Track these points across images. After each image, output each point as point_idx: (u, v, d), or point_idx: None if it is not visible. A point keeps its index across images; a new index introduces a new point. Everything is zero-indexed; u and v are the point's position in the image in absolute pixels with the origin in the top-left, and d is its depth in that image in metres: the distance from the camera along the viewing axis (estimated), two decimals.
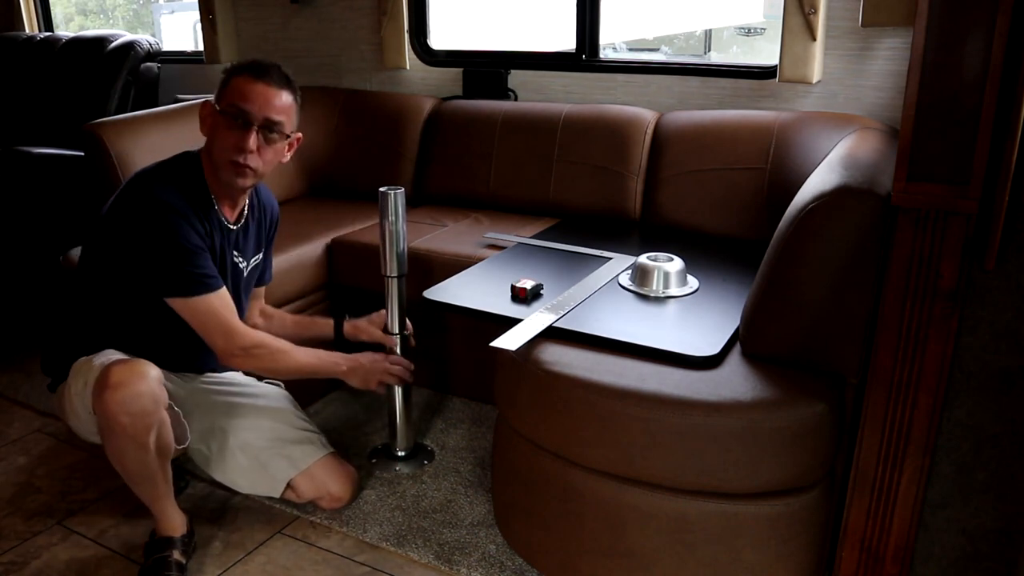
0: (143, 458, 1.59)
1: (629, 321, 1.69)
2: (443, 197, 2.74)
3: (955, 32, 1.21)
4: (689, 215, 2.35)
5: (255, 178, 1.70)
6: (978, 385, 1.37)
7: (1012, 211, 1.25)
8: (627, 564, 1.53)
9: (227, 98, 1.65)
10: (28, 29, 3.91)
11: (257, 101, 1.64)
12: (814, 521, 1.51)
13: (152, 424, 1.56)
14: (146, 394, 1.54)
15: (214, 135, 1.67)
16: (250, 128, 1.64)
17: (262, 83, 1.65)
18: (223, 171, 1.67)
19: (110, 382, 1.52)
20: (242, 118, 1.63)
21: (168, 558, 1.66)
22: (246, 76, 1.66)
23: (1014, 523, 1.41)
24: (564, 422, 1.51)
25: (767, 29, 6.71)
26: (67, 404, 1.69)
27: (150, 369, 1.57)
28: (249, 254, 1.85)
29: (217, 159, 1.67)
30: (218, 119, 1.66)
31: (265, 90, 1.65)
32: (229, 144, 1.64)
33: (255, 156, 1.65)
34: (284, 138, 1.70)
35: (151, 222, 1.59)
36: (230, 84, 1.67)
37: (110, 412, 1.52)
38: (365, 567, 1.74)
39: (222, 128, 1.65)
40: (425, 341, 2.40)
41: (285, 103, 1.68)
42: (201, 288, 1.62)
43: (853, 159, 1.64)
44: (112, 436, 1.56)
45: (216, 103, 1.68)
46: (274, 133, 1.67)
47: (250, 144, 1.63)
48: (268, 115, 1.65)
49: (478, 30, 4.34)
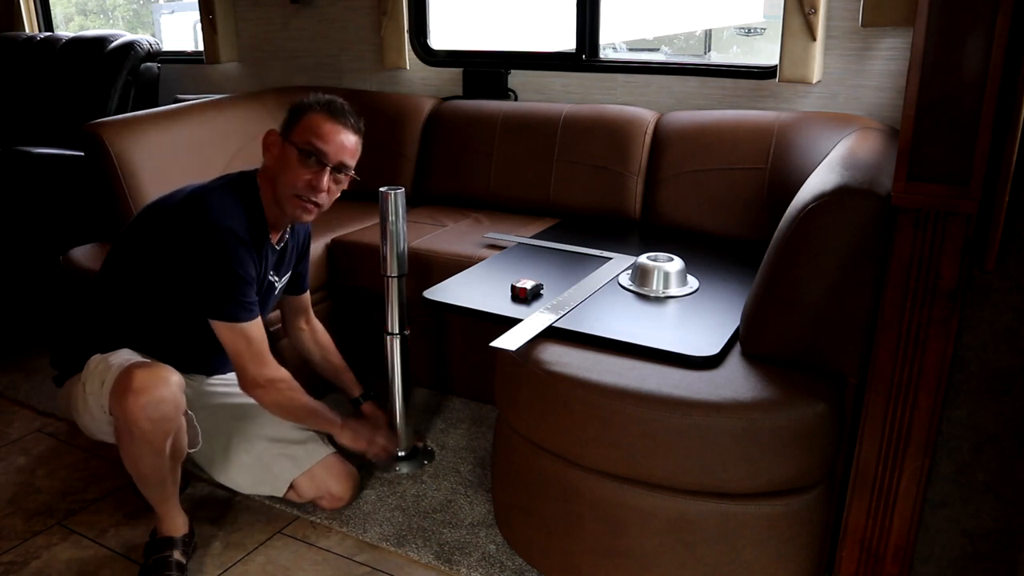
0: (157, 462, 1.60)
1: (629, 321, 1.69)
2: (443, 197, 2.74)
3: (955, 32, 1.21)
4: (689, 215, 2.35)
5: (318, 214, 1.73)
6: (978, 385, 1.37)
7: (1012, 211, 1.25)
8: (627, 564, 1.53)
9: (302, 134, 1.67)
10: (28, 29, 3.91)
11: (334, 143, 1.67)
12: (814, 521, 1.51)
13: (171, 430, 1.57)
14: (168, 400, 1.54)
15: (284, 168, 1.68)
16: (324, 168, 1.67)
17: (339, 125, 1.69)
18: (288, 204, 1.69)
19: (133, 386, 1.52)
20: (317, 157, 1.66)
21: (169, 558, 1.66)
22: (324, 115, 1.68)
23: (1014, 523, 1.41)
24: (564, 422, 1.51)
25: (767, 29, 6.72)
26: (78, 401, 1.69)
27: (172, 375, 1.57)
28: (283, 272, 1.88)
29: (284, 192, 1.69)
30: (289, 152, 1.67)
31: (341, 132, 1.69)
32: (301, 181, 1.67)
33: (325, 195, 1.69)
34: (348, 178, 1.74)
35: (213, 246, 1.61)
36: (305, 120, 1.68)
37: (131, 416, 1.52)
38: (365, 567, 1.74)
39: (294, 163, 1.67)
40: (425, 341, 2.41)
41: (356, 146, 1.74)
42: (246, 316, 1.66)
43: (853, 159, 1.64)
44: (130, 440, 1.56)
45: (285, 134, 1.69)
46: (342, 174, 1.71)
47: (324, 184, 1.67)
48: (343, 159, 1.70)
49: (478, 30, 4.34)
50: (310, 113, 1.69)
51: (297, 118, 1.69)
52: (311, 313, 2.10)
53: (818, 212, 1.41)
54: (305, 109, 1.70)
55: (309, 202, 1.69)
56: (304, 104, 1.71)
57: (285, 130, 1.70)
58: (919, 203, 1.28)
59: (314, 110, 1.69)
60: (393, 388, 2.04)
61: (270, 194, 1.72)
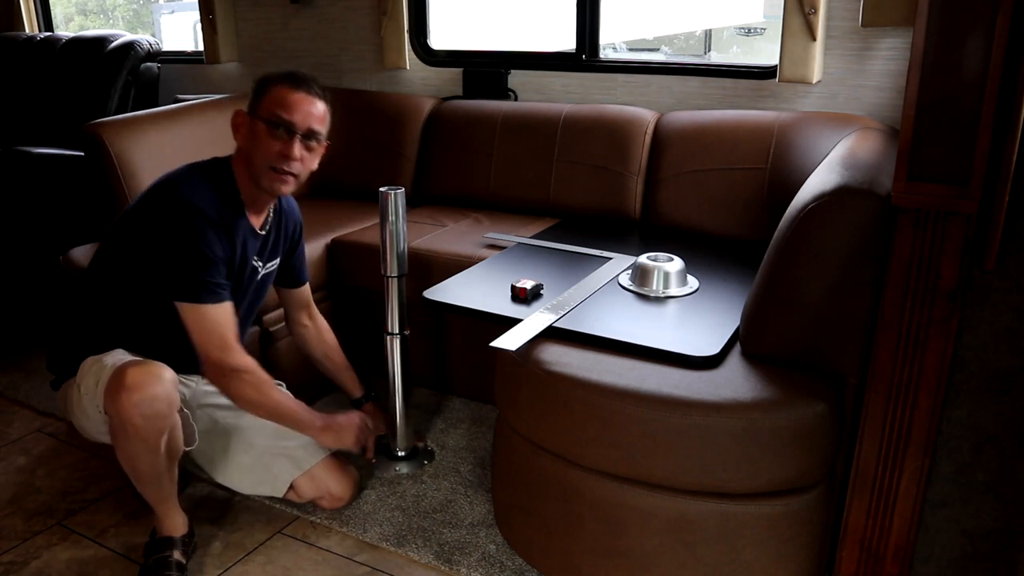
0: (153, 460, 1.59)
1: (629, 321, 1.69)
2: (443, 197, 2.74)
3: (955, 32, 1.21)
4: (689, 215, 2.35)
5: (295, 184, 1.73)
6: (978, 385, 1.37)
7: (1012, 211, 1.25)
8: (627, 564, 1.53)
9: (267, 107, 1.67)
10: (28, 29, 3.91)
11: (300, 111, 1.67)
12: (814, 521, 1.51)
13: (165, 427, 1.57)
14: (161, 397, 1.54)
15: (255, 143, 1.68)
16: (294, 137, 1.67)
17: (302, 92, 1.68)
18: (264, 178, 1.69)
19: (126, 384, 1.52)
20: (285, 127, 1.66)
21: (168, 558, 1.66)
22: (286, 86, 1.68)
23: (1014, 523, 1.41)
24: (564, 422, 1.51)
25: (767, 29, 6.72)
26: (74, 403, 1.69)
27: (165, 371, 1.57)
28: (267, 259, 1.87)
29: (258, 166, 1.68)
30: (258, 127, 1.68)
31: (306, 99, 1.68)
32: (273, 152, 1.66)
33: (298, 163, 1.69)
34: (321, 145, 1.74)
35: (178, 224, 1.61)
36: (269, 94, 1.68)
37: (124, 414, 1.52)
38: (365, 567, 1.74)
39: (264, 136, 1.67)
40: (425, 341, 2.41)
41: (324, 113, 1.72)
42: (210, 297, 1.63)
43: (853, 159, 1.64)
44: (125, 437, 1.56)
45: (252, 111, 1.70)
46: (314, 141, 1.71)
47: (295, 152, 1.67)
48: (311, 126, 1.69)
49: (478, 30, 4.34)
50: (273, 86, 1.69)
51: (261, 93, 1.70)
52: (314, 309, 2.09)
53: (818, 212, 1.41)
54: (268, 83, 1.70)
55: (283, 172, 1.68)
56: (266, 78, 1.72)
57: (251, 107, 1.71)
58: (919, 203, 1.28)
59: (277, 82, 1.69)
60: (393, 388, 2.04)
61: (245, 174, 1.72)
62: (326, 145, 1.76)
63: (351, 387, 2.10)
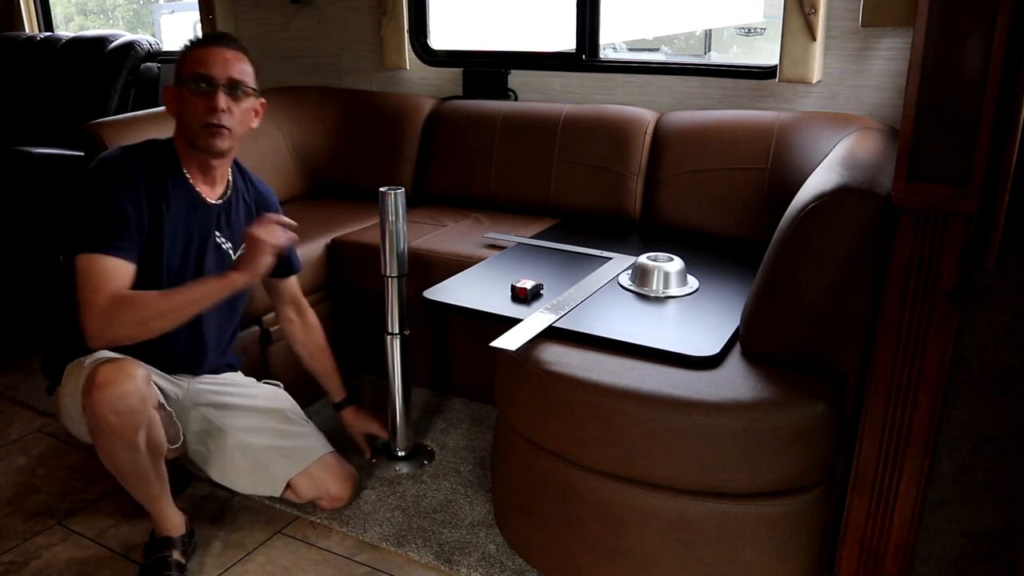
0: (134, 458, 1.58)
1: (629, 321, 1.69)
2: (443, 197, 2.74)
3: (955, 32, 1.21)
4: (689, 215, 2.35)
5: (231, 140, 1.70)
6: (978, 385, 1.37)
7: (1012, 211, 1.25)
8: (627, 564, 1.53)
9: (186, 71, 1.67)
10: (28, 29, 3.91)
11: (215, 64, 1.66)
12: (814, 521, 1.51)
13: (140, 423, 1.55)
14: (133, 393, 1.53)
15: (183, 109, 1.68)
16: (216, 89, 1.65)
17: (214, 47, 1.69)
18: (199, 138, 1.68)
19: (97, 382, 1.51)
20: (205, 82, 1.66)
21: (168, 558, 1.66)
22: (199, 47, 1.69)
23: (1014, 523, 1.41)
24: (564, 422, 1.51)
25: (767, 29, 6.73)
26: (61, 407, 1.69)
27: (137, 368, 1.56)
28: (238, 240, 1.81)
29: (191, 127, 1.68)
30: (183, 93, 1.68)
31: (222, 52, 1.68)
32: (200, 110, 1.66)
33: (227, 115, 1.67)
34: (249, 96, 1.72)
35: (88, 178, 1.62)
36: (185, 59, 1.69)
37: (98, 412, 1.52)
38: (365, 567, 1.74)
39: (189, 99, 1.67)
40: (425, 341, 2.41)
41: (244, 64, 1.71)
42: (103, 247, 1.57)
43: (853, 159, 1.64)
44: (101, 436, 1.55)
45: (177, 82, 1.70)
46: (239, 91, 1.69)
47: (220, 103, 1.65)
48: (231, 75, 1.67)
49: (478, 30, 4.34)
50: (188, 51, 1.70)
51: (181, 62, 1.70)
52: (303, 303, 2.05)
53: (818, 212, 1.41)
54: (185, 51, 1.71)
55: (214, 126, 1.66)
56: (183, 48, 1.72)
57: (176, 79, 1.71)
58: (919, 203, 1.28)
59: (191, 48, 1.70)
60: (393, 388, 2.04)
61: (184, 143, 1.72)
62: (261, 103, 1.76)
63: (333, 391, 2.08)
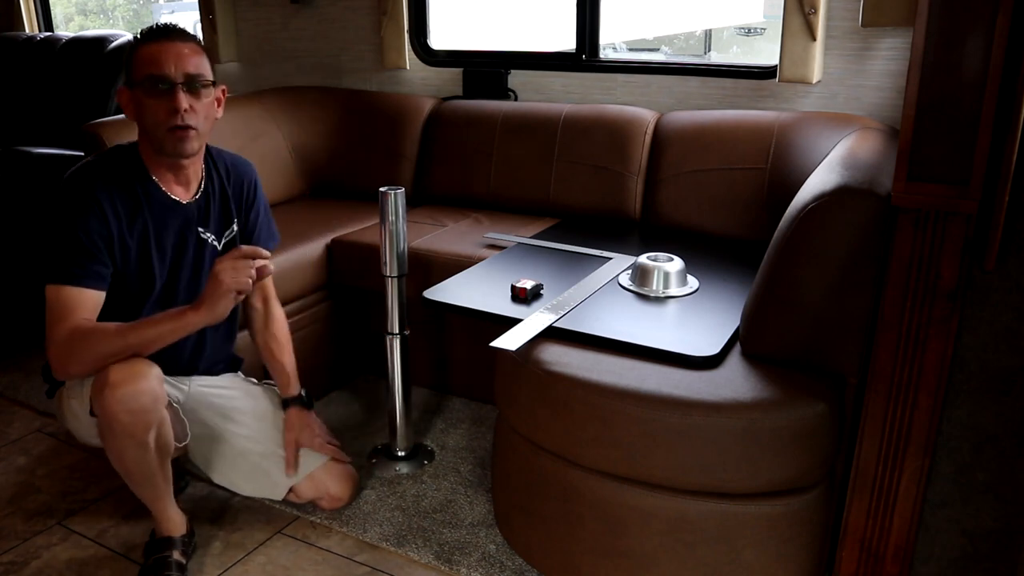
0: (143, 457, 1.58)
1: (629, 321, 1.69)
2: (443, 197, 2.74)
3: (955, 32, 1.21)
4: (689, 215, 2.35)
5: (199, 139, 1.62)
6: (978, 385, 1.37)
7: (1012, 211, 1.25)
8: (627, 564, 1.53)
9: (137, 72, 1.58)
10: (28, 29, 3.91)
11: (170, 61, 1.56)
12: (814, 521, 1.51)
13: (152, 422, 1.55)
14: (146, 392, 1.52)
15: (141, 114, 1.59)
16: (174, 88, 1.56)
17: (166, 43, 1.57)
18: (166, 143, 1.59)
19: (110, 380, 1.50)
20: (161, 82, 1.56)
21: (168, 558, 1.66)
22: (148, 44, 1.58)
23: (1014, 523, 1.41)
24: (564, 422, 1.51)
25: (767, 29, 6.73)
26: (66, 408, 1.68)
27: (150, 368, 1.55)
28: (220, 227, 1.76)
29: (154, 133, 1.59)
30: (138, 96, 1.58)
31: (173, 47, 1.57)
32: (161, 114, 1.57)
33: (191, 114, 1.58)
34: (209, 89, 1.62)
35: (54, 203, 1.57)
36: (134, 58, 1.59)
37: (110, 410, 1.51)
38: (365, 567, 1.74)
39: (146, 101, 1.57)
40: (425, 341, 2.41)
41: (197, 55, 1.61)
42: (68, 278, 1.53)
43: (853, 159, 1.64)
44: (112, 435, 1.55)
45: (129, 84, 1.60)
46: (198, 86, 1.59)
47: (181, 103, 1.56)
48: (186, 70, 1.57)
49: (478, 30, 4.34)
50: (136, 50, 1.59)
51: (130, 62, 1.59)
52: (270, 292, 1.90)
53: (818, 212, 1.41)
54: (132, 49, 1.60)
55: (179, 128, 1.57)
56: (130, 45, 1.62)
57: (127, 81, 1.60)
58: (919, 203, 1.28)
59: (139, 45, 1.59)
60: (393, 388, 2.04)
61: (149, 148, 1.64)
62: (222, 90, 1.68)
63: (282, 386, 1.90)
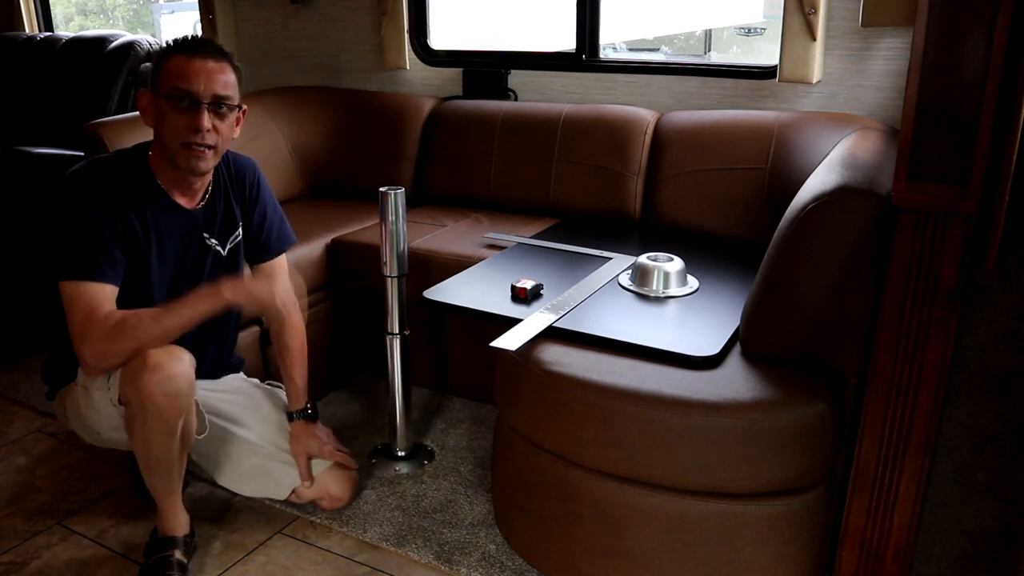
0: (170, 444, 1.57)
1: (629, 321, 1.69)
2: (443, 197, 2.74)
3: (955, 32, 1.21)
4: (689, 215, 2.35)
5: (215, 158, 1.63)
6: (978, 385, 1.37)
7: (1012, 211, 1.25)
8: (627, 564, 1.53)
9: (166, 82, 1.57)
10: (28, 29, 3.91)
11: (200, 79, 1.56)
12: (814, 521, 1.51)
13: (183, 408, 1.55)
14: (182, 375, 1.53)
15: (161, 123, 1.59)
16: (199, 107, 1.57)
17: (199, 59, 1.57)
18: (179, 157, 1.60)
19: (148, 363, 1.50)
20: (188, 99, 1.56)
21: (170, 558, 1.66)
22: (181, 56, 1.57)
23: (1014, 523, 1.41)
24: (564, 422, 1.51)
25: (767, 29, 6.73)
26: (79, 404, 1.66)
27: (185, 353, 1.56)
28: (224, 231, 1.78)
29: (171, 146, 1.59)
30: (161, 105, 1.58)
31: (205, 65, 1.57)
32: (181, 128, 1.57)
33: (212, 134, 1.59)
34: (233, 111, 1.64)
35: (58, 201, 1.56)
36: (166, 67, 1.58)
37: (147, 391, 1.49)
38: (365, 567, 1.74)
39: (168, 113, 1.57)
40: (425, 341, 2.41)
41: (228, 76, 1.61)
42: (86, 274, 1.53)
43: (853, 159, 1.64)
44: (143, 420, 1.53)
45: (154, 90, 1.60)
46: (224, 108, 1.60)
47: (204, 124, 1.56)
48: (215, 92, 1.58)
49: (478, 30, 4.34)
50: (168, 58, 1.58)
51: (159, 68, 1.59)
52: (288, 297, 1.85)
53: (818, 212, 1.41)
54: (163, 56, 1.59)
55: (198, 147, 1.58)
56: (162, 51, 1.60)
57: (152, 85, 1.60)
58: (919, 203, 1.28)
59: (172, 53, 1.58)
60: (393, 388, 2.04)
61: (162, 156, 1.63)
62: (243, 110, 1.67)
63: (290, 399, 1.89)
